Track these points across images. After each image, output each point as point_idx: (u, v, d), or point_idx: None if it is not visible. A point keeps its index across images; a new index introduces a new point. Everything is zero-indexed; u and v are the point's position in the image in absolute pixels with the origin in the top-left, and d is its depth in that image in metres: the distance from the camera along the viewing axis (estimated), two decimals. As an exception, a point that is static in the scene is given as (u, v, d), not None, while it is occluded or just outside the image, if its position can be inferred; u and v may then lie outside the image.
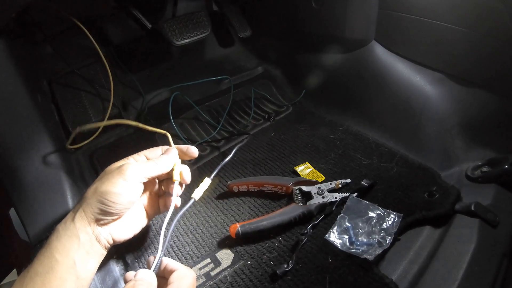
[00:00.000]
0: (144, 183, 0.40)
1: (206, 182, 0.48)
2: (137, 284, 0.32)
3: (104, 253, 0.39)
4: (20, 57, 0.53)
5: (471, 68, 0.56)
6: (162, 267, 0.36)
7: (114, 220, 0.38)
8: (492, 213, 0.45)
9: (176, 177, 0.43)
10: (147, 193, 0.45)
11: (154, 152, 0.44)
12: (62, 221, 0.37)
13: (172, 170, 0.43)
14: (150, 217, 0.45)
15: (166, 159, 0.42)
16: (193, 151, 0.45)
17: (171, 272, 0.35)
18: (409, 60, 0.63)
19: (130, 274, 0.35)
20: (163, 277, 0.36)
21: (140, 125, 0.46)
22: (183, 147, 0.45)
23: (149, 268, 0.36)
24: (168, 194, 0.44)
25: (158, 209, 0.45)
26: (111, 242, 0.38)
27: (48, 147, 0.54)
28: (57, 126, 0.64)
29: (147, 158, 0.43)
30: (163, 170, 0.41)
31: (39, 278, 0.33)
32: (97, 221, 0.37)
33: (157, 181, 0.46)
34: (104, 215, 0.37)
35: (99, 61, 0.67)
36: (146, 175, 0.39)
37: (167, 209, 0.42)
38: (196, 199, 0.46)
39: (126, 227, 0.40)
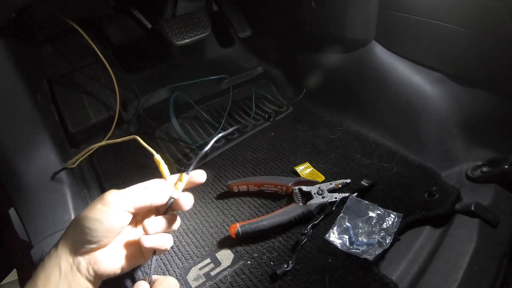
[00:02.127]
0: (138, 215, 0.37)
1: (184, 179, 0.39)
2: None
3: (90, 287, 0.35)
4: (20, 57, 0.53)
5: (471, 68, 0.56)
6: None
7: (93, 249, 0.34)
8: (492, 213, 0.45)
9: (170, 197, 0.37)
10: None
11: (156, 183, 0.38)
12: (49, 251, 0.35)
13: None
14: (148, 256, 0.38)
15: (160, 187, 0.37)
16: (200, 176, 0.39)
17: (153, 283, 0.36)
18: (409, 60, 0.63)
19: None
20: None
21: (110, 141, 0.43)
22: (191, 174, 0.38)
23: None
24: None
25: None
26: (93, 274, 0.35)
27: (48, 147, 0.54)
28: (57, 126, 0.64)
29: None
30: (154, 199, 0.36)
31: None
32: (76, 249, 0.34)
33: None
34: (81, 243, 0.34)
35: (99, 61, 0.67)
36: (132, 203, 0.35)
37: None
38: (175, 198, 0.37)
39: (111, 260, 0.35)
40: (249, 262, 0.45)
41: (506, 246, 0.44)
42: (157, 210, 0.40)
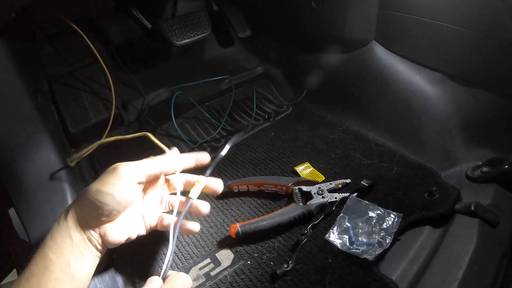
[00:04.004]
0: (145, 191, 0.40)
1: (203, 181, 0.43)
2: None
3: (99, 255, 0.37)
4: (20, 57, 0.53)
5: (471, 68, 0.56)
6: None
7: (104, 222, 0.36)
8: (492, 213, 0.45)
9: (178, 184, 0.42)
10: (148, 201, 0.42)
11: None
12: (56, 220, 0.36)
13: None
14: (149, 227, 0.42)
15: (164, 156, 0.40)
16: (204, 157, 0.43)
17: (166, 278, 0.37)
18: (409, 60, 0.63)
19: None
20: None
21: (119, 137, 0.46)
22: (193, 155, 0.43)
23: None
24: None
25: (163, 225, 0.42)
26: (101, 243, 0.37)
27: (48, 147, 0.54)
28: (57, 126, 0.64)
29: None
30: (160, 167, 0.39)
31: (35, 279, 0.33)
32: (87, 221, 0.35)
33: (163, 198, 0.44)
34: (93, 216, 0.35)
35: (99, 61, 0.67)
36: (141, 172, 0.37)
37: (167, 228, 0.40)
38: (194, 199, 0.41)
39: (119, 230, 0.37)
40: (249, 262, 0.45)
41: (506, 246, 0.44)
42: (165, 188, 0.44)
